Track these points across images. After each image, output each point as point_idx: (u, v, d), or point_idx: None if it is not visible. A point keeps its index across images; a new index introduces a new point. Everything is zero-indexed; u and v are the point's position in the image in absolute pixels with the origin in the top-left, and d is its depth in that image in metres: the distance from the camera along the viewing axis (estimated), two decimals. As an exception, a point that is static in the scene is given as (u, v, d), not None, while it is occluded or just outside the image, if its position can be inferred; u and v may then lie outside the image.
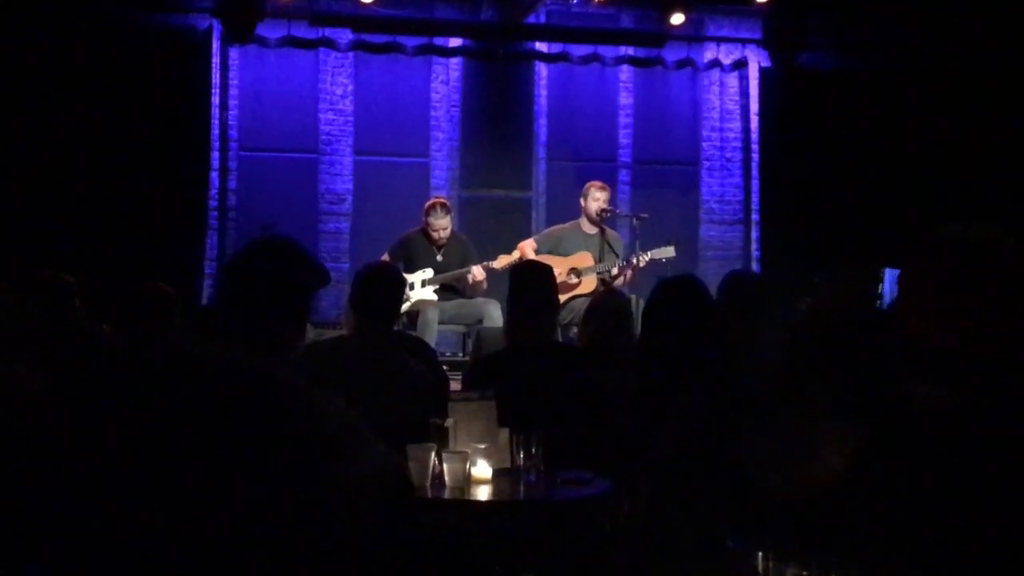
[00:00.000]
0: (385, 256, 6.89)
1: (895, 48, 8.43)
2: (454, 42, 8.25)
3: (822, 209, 8.25)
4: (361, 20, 7.94)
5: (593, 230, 6.90)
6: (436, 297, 6.83)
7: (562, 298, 6.02)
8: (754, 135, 8.56)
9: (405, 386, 3.50)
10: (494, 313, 6.57)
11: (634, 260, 6.67)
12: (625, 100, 8.57)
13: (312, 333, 5.87)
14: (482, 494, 3.02)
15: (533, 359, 3.67)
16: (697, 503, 2.92)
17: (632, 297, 6.16)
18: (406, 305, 6.50)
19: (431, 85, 8.31)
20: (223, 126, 7.84)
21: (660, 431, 3.01)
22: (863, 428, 1.81)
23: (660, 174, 8.67)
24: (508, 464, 3.19)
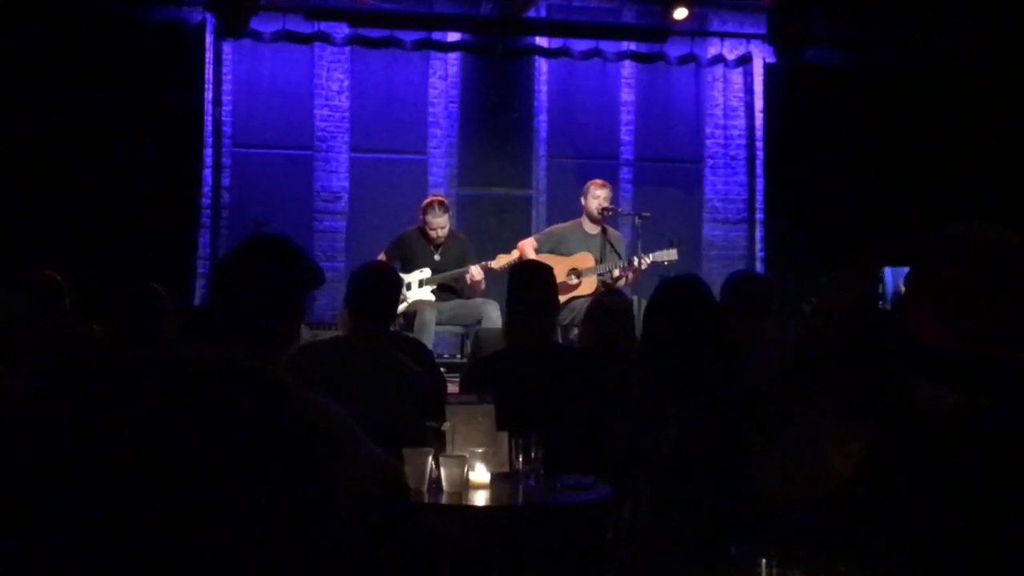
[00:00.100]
0: (381, 255, 6.88)
1: (902, 45, 8.43)
2: (453, 37, 8.25)
3: (827, 208, 8.25)
4: (358, 14, 7.94)
5: (595, 229, 6.90)
6: (433, 297, 6.83)
7: (562, 299, 6.02)
8: (758, 132, 8.57)
9: (402, 388, 3.50)
10: (493, 314, 6.56)
11: (635, 263, 6.66)
12: (627, 96, 8.57)
13: (307, 334, 5.87)
14: (480, 499, 3.02)
15: (532, 361, 3.66)
16: (699, 508, 2.91)
17: (634, 298, 6.16)
18: (403, 306, 6.50)
19: (429, 81, 8.31)
20: (216, 122, 7.84)
21: (662, 434, 3.01)
22: (867, 430, 1.82)
23: (662, 172, 8.67)
24: (507, 468, 3.18)
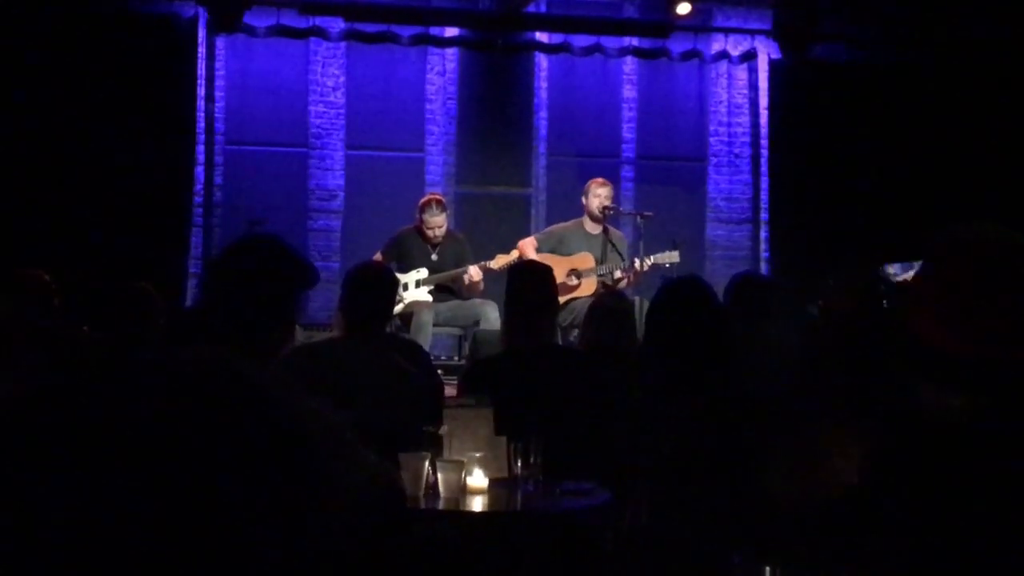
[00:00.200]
0: (377, 255, 6.87)
1: (910, 40, 8.42)
2: (451, 32, 8.25)
3: (834, 208, 8.25)
4: (354, 8, 7.94)
5: (596, 229, 6.89)
6: (431, 298, 6.83)
7: (561, 299, 6.01)
8: (763, 130, 8.57)
9: (398, 392, 3.50)
10: (491, 315, 6.56)
11: (636, 264, 6.65)
12: (629, 93, 8.57)
13: (301, 335, 5.86)
14: (478, 505, 3.02)
15: (532, 363, 3.66)
16: (701, 514, 2.91)
17: (636, 298, 6.16)
18: (399, 306, 6.50)
19: (427, 76, 8.31)
20: (209, 119, 7.83)
21: (663, 438, 3.01)
22: (870, 434, 1.82)
23: (665, 170, 8.67)
24: (505, 474, 3.18)
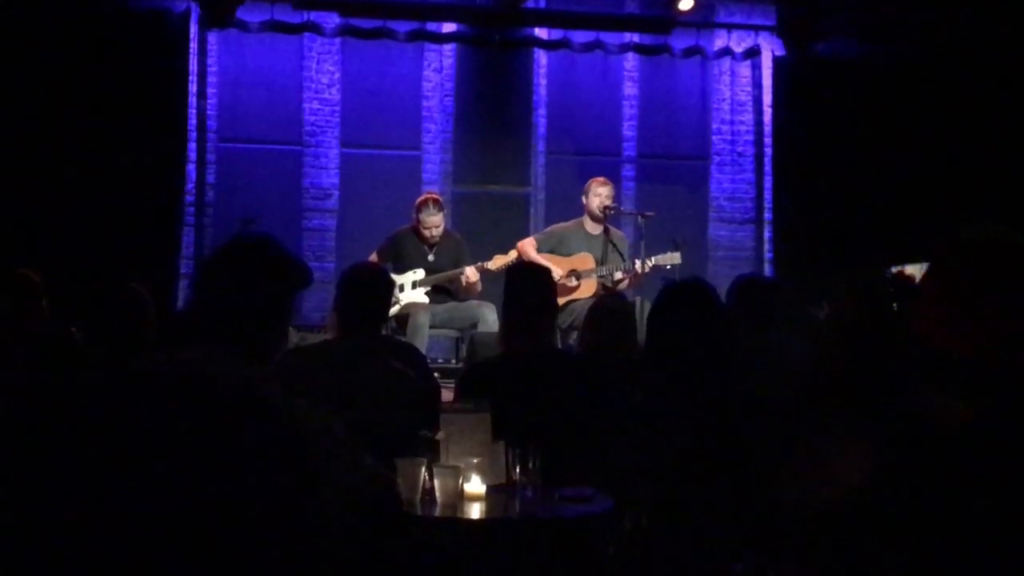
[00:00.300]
0: (373, 255, 6.88)
1: (918, 35, 8.41)
2: (448, 27, 8.25)
3: (839, 208, 8.25)
4: (349, 3, 7.95)
5: (597, 229, 6.90)
6: (427, 299, 6.83)
7: (560, 301, 6.02)
8: (767, 128, 8.58)
9: (393, 395, 3.50)
10: (489, 317, 6.56)
11: (637, 266, 6.66)
12: (630, 90, 8.58)
13: (294, 337, 5.87)
14: (475, 512, 3.02)
15: (530, 366, 3.66)
16: (704, 521, 2.92)
17: (637, 299, 6.16)
18: (395, 308, 6.50)
19: (423, 73, 8.32)
20: (201, 116, 7.84)
21: (665, 444, 3.01)
22: (877, 441, 1.82)
23: (667, 169, 8.68)
24: (503, 480, 3.18)
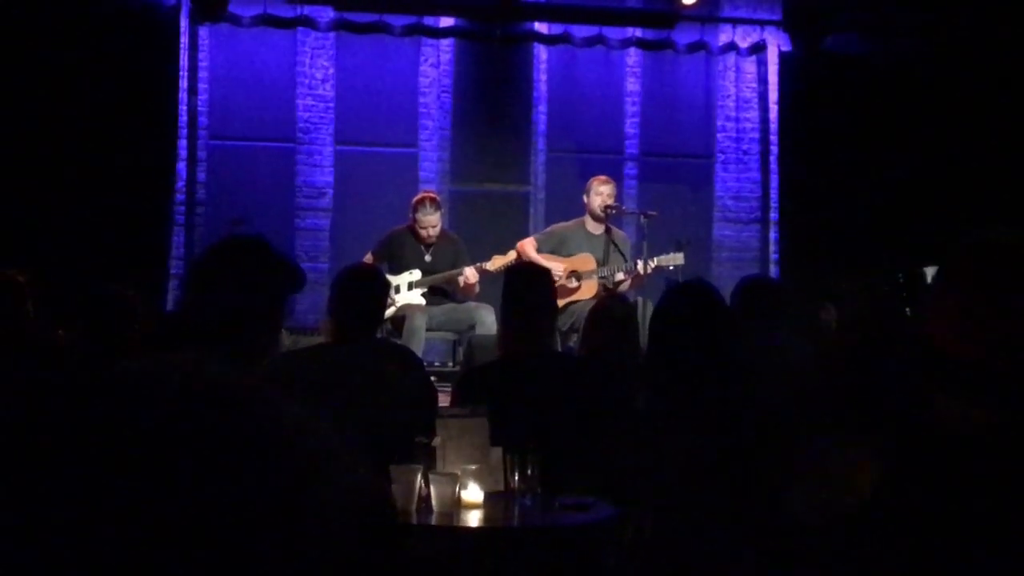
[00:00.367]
0: (368, 256, 6.87)
1: (927, 30, 8.41)
2: (445, 22, 8.25)
3: (847, 207, 8.24)
4: (343, -3, 7.95)
5: (599, 229, 6.90)
6: (424, 301, 6.82)
7: (560, 303, 6.02)
8: (773, 125, 8.57)
9: (389, 400, 3.49)
10: (487, 319, 6.56)
11: (639, 267, 6.65)
12: (632, 86, 8.57)
13: (287, 340, 5.87)
14: (473, 520, 3.01)
15: (529, 370, 3.66)
16: (709, 530, 2.91)
17: (639, 301, 6.15)
18: (391, 310, 6.49)
19: (420, 69, 8.31)
20: (191, 112, 7.83)
21: (669, 451, 3.00)
22: (886, 449, 1.82)
23: (670, 168, 8.68)
24: (501, 487, 3.17)
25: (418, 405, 3.54)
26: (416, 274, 6.85)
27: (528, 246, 6.90)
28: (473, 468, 3.12)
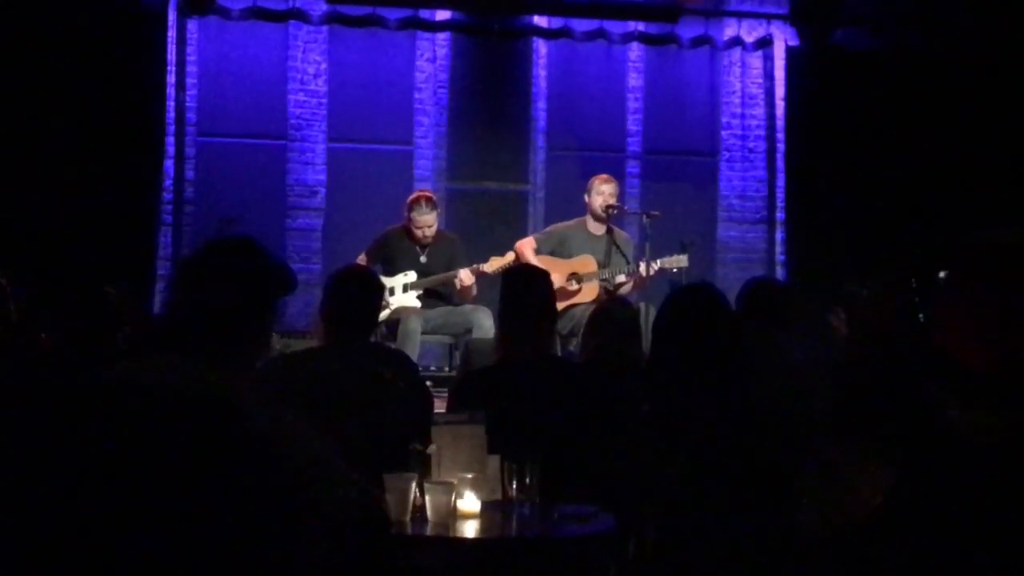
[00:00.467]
0: (361, 257, 6.87)
1: (938, 24, 8.40)
2: (442, 15, 8.25)
3: (856, 207, 8.24)
4: (337, -10, 7.95)
5: (600, 230, 6.89)
6: (419, 304, 6.82)
7: (560, 306, 6.01)
8: (779, 123, 8.57)
9: (382, 406, 3.49)
10: (484, 322, 6.55)
11: (641, 269, 6.65)
12: (635, 82, 8.57)
13: (278, 344, 5.86)
14: (469, 530, 3.00)
15: (528, 375, 3.65)
16: (712, 541, 2.90)
17: (641, 304, 6.15)
18: (385, 313, 6.49)
19: (416, 63, 8.30)
20: (179, 108, 7.83)
21: (672, 459, 3.00)
22: (898, 459, 1.81)
23: (673, 166, 8.68)
24: (499, 496, 3.17)
25: (413, 411, 3.54)
26: (411, 276, 6.85)
27: (527, 247, 6.90)
28: (469, 476, 3.12)
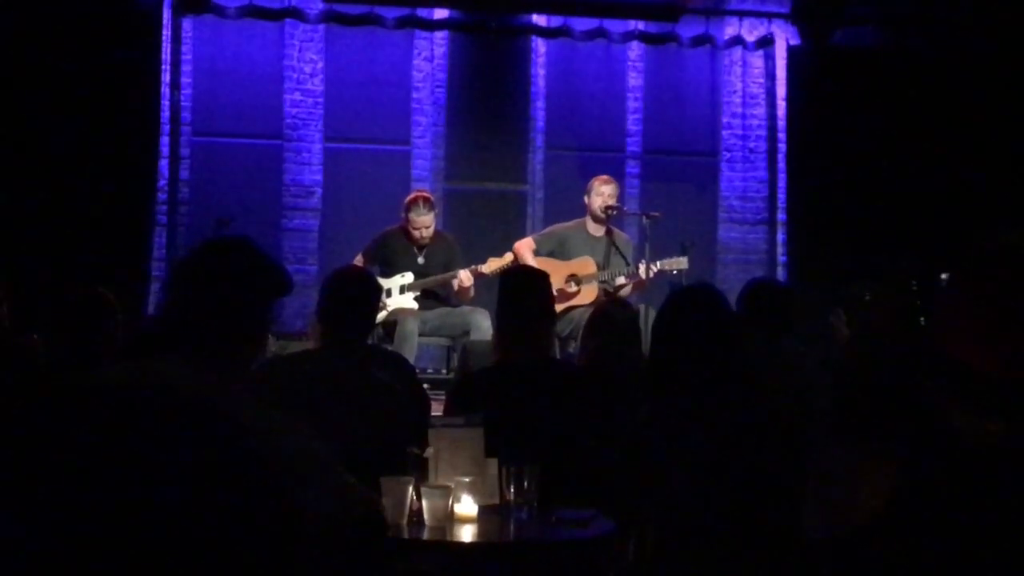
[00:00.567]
0: (358, 258, 6.87)
1: (943, 23, 8.40)
2: (439, 13, 8.25)
3: (858, 208, 8.24)
4: (333, -12, 7.95)
5: (600, 231, 6.90)
6: (417, 305, 6.82)
7: (559, 308, 6.01)
8: (780, 123, 8.56)
9: (379, 409, 3.48)
10: (482, 324, 6.56)
11: (641, 271, 6.65)
12: (634, 81, 8.57)
13: (274, 346, 5.86)
14: (466, 535, 3.01)
15: (526, 378, 3.65)
16: (712, 547, 2.90)
17: (641, 306, 6.15)
18: (382, 314, 6.48)
19: (413, 62, 8.30)
20: (174, 108, 7.82)
21: (671, 463, 3.00)
22: (900, 462, 1.82)
23: (674, 166, 8.68)
24: (497, 500, 3.17)
25: (410, 414, 3.54)
26: (408, 277, 6.85)
27: (526, 248, 6.90)
28: (467, 480, 3.12)
